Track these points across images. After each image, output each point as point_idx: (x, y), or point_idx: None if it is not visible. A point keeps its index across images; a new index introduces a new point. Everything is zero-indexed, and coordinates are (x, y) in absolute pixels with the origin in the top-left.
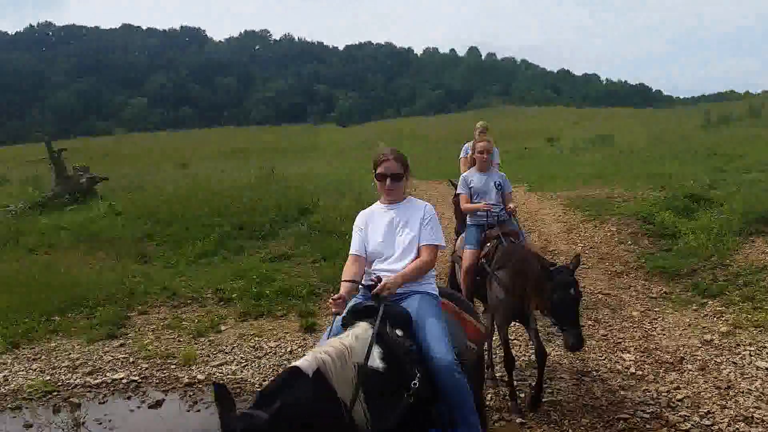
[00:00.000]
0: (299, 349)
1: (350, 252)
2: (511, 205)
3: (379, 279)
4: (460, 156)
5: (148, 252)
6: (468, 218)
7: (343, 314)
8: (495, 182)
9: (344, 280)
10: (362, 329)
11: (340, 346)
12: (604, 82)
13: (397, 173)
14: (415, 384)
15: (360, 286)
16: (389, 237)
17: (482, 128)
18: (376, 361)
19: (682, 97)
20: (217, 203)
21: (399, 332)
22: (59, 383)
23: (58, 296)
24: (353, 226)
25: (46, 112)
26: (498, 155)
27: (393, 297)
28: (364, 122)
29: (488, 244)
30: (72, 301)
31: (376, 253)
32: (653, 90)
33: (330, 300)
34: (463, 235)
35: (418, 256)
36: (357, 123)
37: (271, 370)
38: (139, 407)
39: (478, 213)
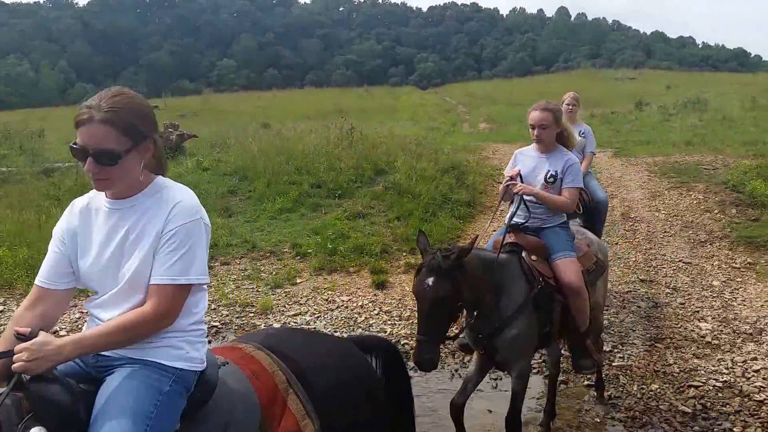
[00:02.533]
0: (369, 304)
1: None
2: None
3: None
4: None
5: (231, 206)
6: None
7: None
8: (548, 172)
9: None
10: None
11: None
12: (700, 46)
13: None
14: None
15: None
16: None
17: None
18: None
19: None
20: (297, 162)
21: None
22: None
23: None
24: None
25: (139, 72)
26: (592, 141)
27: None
28: (445, 84)
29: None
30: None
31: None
32: (752, 54)
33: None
34: None
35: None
36: (438, 85)
37: (342, 322)
38: None
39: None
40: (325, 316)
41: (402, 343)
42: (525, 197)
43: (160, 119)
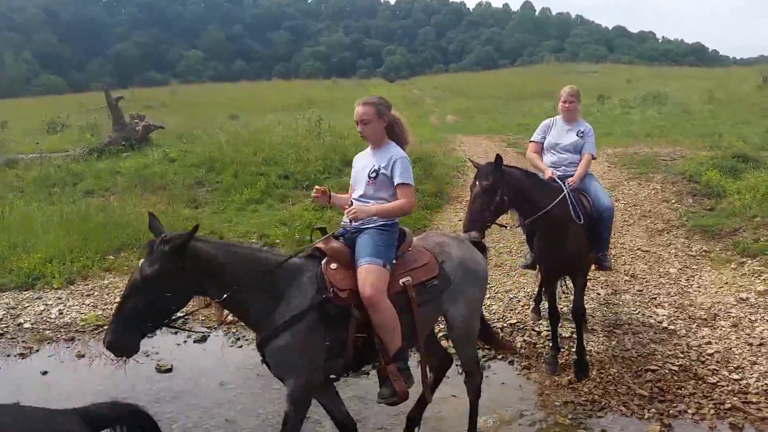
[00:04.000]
0: None
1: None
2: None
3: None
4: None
5: (198, 198)
6: None
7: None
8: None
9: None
10: None
11: None
12: (660, 40)
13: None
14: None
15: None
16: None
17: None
18: None
19: (739, 57)
20: (265, 153)
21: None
22: (110, 318)
23: (112, 237)
24: None
25: (106, 63)
26: (591, 142)
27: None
28: (413, 77)
29: None
30: (126, 241)
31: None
32: (710, 50)
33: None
34: None
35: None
36: (405, 78)
37: None
38: (185, 341)
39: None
40: None
41: None
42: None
43: (126, 110)
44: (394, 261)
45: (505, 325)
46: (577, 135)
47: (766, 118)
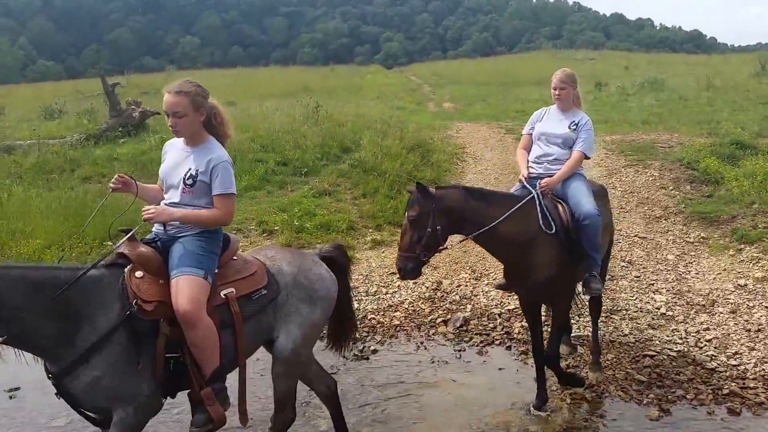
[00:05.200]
0: None
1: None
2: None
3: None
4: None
5: None
6: None
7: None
8: (187, 171)
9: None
10: None
11: None
12: (658, 27)
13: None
14: None
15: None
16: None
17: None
18: None
19: (737, 45)
20: (263, 140)
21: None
22: None
23: (110, 223)
24: None
25: (102, 49)
26: (586, 137)
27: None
28: (410, 64)
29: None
30: (125, 226)
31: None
32: (707, 37)
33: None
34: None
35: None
36: (403, 65)
37: None
38: None
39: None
40: None
41: (369, 318)
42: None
43: (122, 96)
44: (216, 270)
45: (503, 311)
46: (569, 127)
47: (764, 105)
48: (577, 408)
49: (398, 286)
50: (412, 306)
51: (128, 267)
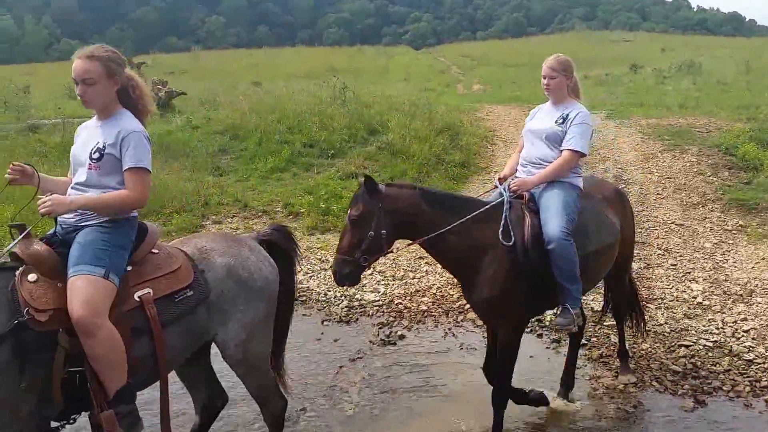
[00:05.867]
0: None
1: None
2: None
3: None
4: None
5: (222, 165)
6: None
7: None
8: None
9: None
10: None
11: None
12: (695, 9)
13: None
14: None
15: None
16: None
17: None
18: None
19: None
20: (289, 121)
21: None
22: None
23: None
24: None
25: (126, 29)
26: (578, 134)
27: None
28: (439, 45)
29: None
30: (150, 208)
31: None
32: (747, 19)
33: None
34: None
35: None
36: (431, 46)
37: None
38: None
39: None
40: (318, 275)
41: (396, 302)
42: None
43: (147, 76)
44: (128, 268)
45: None
46: (555, 122)
47: None
48: (610, 398)
49: (426, 270)
50: (440, 291)
51: (20, 269)
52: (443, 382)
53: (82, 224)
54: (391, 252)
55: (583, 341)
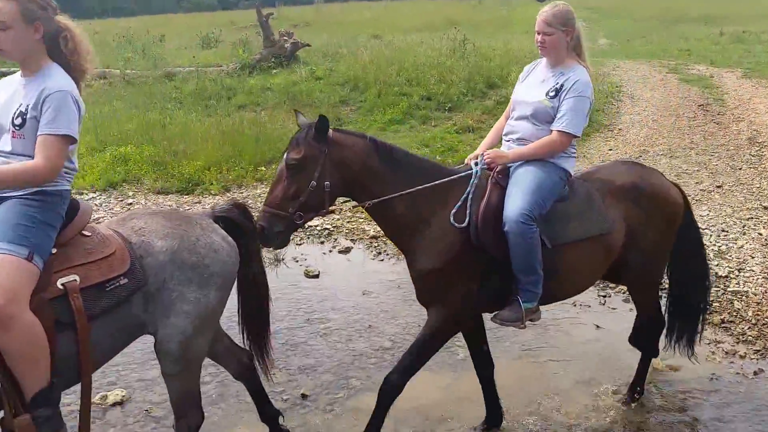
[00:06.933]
0: None
1: None
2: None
3: None
4: None
5: (342, 116)
6: None
7: None
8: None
9: None
10: None
11: None
12: None
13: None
14: None
15: None
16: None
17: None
18: None
19: None
20: (408, 74)
21: None
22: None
23: (264, 149)
24: None
25: None
26: (571, 108)
27: None
28: None
29: None
30: (276, 154)
31: None
32: None
33: None
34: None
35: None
36: None
37: None
38: (330, 251)
39: None
40: None
41: None
42: None
43: (273, 28)
44: (53, 250)
45: None
46: (547, 94)
47: None
48: (729, 362)
49: None
50: None
51: None
52: (555, 336)
53: (3, 195)
54: (332, 212)
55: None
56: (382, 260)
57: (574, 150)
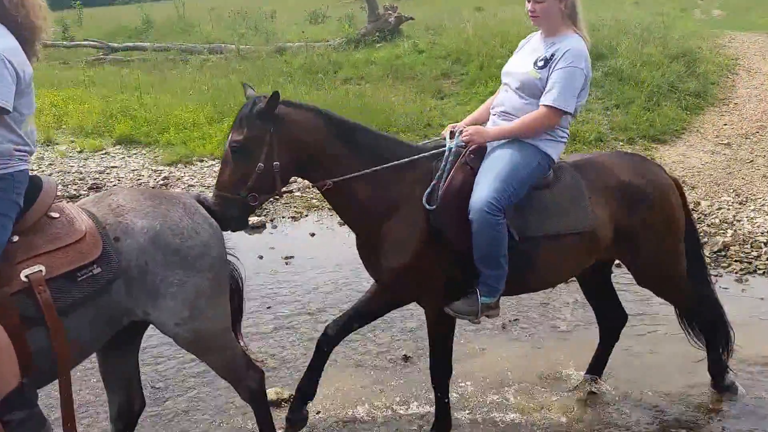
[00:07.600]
0: None
1: None
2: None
3: None
4: None
5: (443, 89)
6: None
7: None
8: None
9: None
10: None
11: None
12: None
13: None
14: None
15: None
16: None
17: None
18: None
19: None
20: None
21: None
22: None
23: (368, 121)
24: None
25: None
26: (562, 82)
27: None
28: None
29: None
30: (381, 126)
31: None
32: None
33: None
34: None
35: None
36: None
37: None
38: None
39: None
40: None
41: None
42: None
43: (379, 2)
44: (14, 238)
45: None
46: (535, 64)
47: None
48: None
49: None
50: None
51: None
52: (665, 314)
53: None
54: (290, 192)
55: None
56: None
57: (564, 134)
